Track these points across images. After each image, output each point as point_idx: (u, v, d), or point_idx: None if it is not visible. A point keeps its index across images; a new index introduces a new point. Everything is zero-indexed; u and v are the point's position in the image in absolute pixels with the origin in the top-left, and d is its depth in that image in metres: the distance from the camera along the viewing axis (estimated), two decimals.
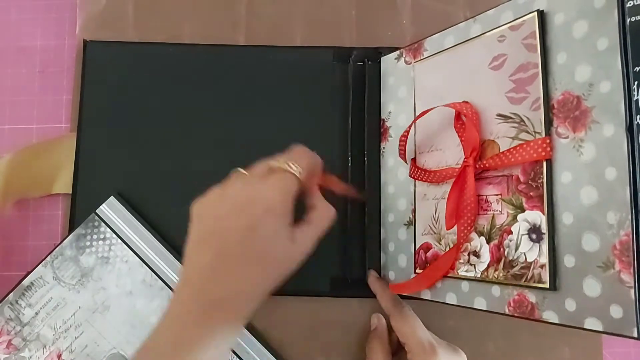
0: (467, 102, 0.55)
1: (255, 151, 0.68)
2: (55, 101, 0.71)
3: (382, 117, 0.67)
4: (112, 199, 0.66)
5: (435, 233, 0.58)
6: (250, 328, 0.65)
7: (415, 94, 0.62)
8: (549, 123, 0.47)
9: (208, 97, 0.70)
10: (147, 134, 0.69)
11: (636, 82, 0.44)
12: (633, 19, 0.51)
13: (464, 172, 0.53)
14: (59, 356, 0.63)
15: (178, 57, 0.70)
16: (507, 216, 0.50)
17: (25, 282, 0.64)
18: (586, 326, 0.43)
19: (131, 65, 0.70)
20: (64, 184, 0.68)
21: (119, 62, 0.70)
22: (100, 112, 0.69)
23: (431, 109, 0.57)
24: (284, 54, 0.71)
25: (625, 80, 0.41)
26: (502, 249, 0.50)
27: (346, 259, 0.67)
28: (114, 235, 0.65)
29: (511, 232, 0.49)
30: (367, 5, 0.73)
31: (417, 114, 0.61)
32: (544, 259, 0.46)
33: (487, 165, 0.51)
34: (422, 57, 0.62)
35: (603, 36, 0.43)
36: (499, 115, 0.51)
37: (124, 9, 0.72)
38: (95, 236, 0.65)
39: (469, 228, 0.53)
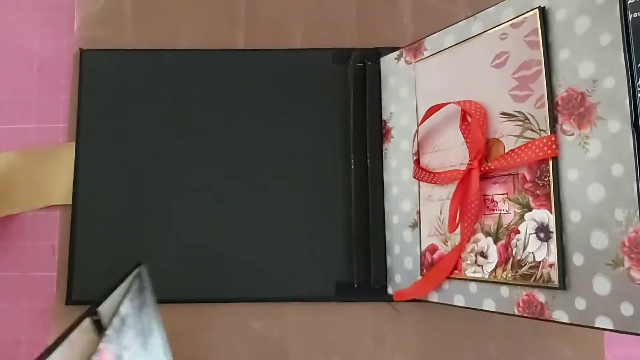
0: (473, 101, 0.54)
1: (257, 155, 0.69)
2: (54, 101, 0.71)
3: (384, 118, 0.67)
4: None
5: (441, 234, 0.57)
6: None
7: (416, 94, 0.62)
8: (553, 120, 0.47)
9: (207, 102, 0.69)
10: (146, 141, 0.68)
11: None
12: (635, 15, 0.50)
13: (469, 174, 0.53)
14: None
15: (176, 63, 0.70)
16: (514, 215, 0.50)
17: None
18: (597, 325, 0.43)
19: (128, 73, 0.70)
20: (63, 194, 0.67)
21: (116, 69, 0.70)
22: (98, 120, 0.69)
23: (445, 104, 0.56)
24: (283, 57, 0.71)
25: (629, 76, 0.41)
26: (509, 249, 0.50)
27: (351, 263, 0.66)
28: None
29: (518, 232, 0.49)
30: (367, 4, 0.73)
31: (419, 114, 0.61)
32: (553, 258, 0.46)
33: (492, 167, 0.51)
34: (422, 57, 0.61)
35: (605, 32, 0.43)
36: (503, 113, 0.51)
37: (122, 8, 0.72)
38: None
39: (470, 229, 0.53)
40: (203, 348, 0.65)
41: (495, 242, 0.51)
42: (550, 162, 0.46)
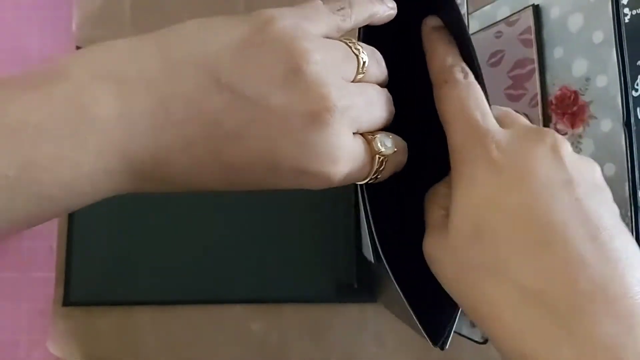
0: None
1: None
2: None
3: None
4: None
5: None
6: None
7: None
8: (547, 119, 0.46)
9: None
10: None
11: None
12: (634, 12, 0.50)
13: None
14: None
15: None
16: None
17: None
18: None
19: None
20: None
21: None
22: None
23: None
24: None
25: (621, 74, 0.40)
26: None
27: (351, 263, 0.66)
28: None
29: None
30: None
31: None
32: None
33: None
34: None
35: (598, 29, 0.42)
36: None
37: (120, 6, 0.71)
38: None
39: None
40: (202, 350, 0.65)
41: None
42: None
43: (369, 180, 0.35)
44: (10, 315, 0.65)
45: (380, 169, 0.34)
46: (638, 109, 0.41)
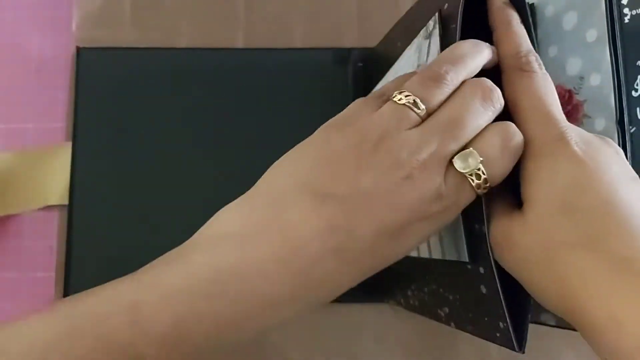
0: None
1: (256, 155, 0.68)
2: (52, 100, 0.70)
3: None
4: None
5: None
6: None
7: None
8: None
9: (207, 102, 0.69)
10: (144, 140, 0.68)
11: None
12: (634, 12, 0.49)
13: None
14: None
15: (175, 62, 0.70)
16: None
17: None
18: None
19: (126, 71, 0.70)
20: (60, 195, 0.68)
21: (113, 68, 0.70)
22: (95, 120, 0.68)
23: None
24: (282, 56, 0.70)
25: (615, 72, 0.40)
26: None
27: None
28: None
29: None
30: (368, 3, 0.72)
31: None
32: None
33: None
34: None
35: (592, 27, 0.41)
36: None
37: (120, 6, 0.72)
38: None
39: None
40: None
41: None
42: None
43: (482, 192, 0.37)
44: (10, 315, 0.65)
45: (483, 177, 0.36)
46: (638, 108, 0.40)
